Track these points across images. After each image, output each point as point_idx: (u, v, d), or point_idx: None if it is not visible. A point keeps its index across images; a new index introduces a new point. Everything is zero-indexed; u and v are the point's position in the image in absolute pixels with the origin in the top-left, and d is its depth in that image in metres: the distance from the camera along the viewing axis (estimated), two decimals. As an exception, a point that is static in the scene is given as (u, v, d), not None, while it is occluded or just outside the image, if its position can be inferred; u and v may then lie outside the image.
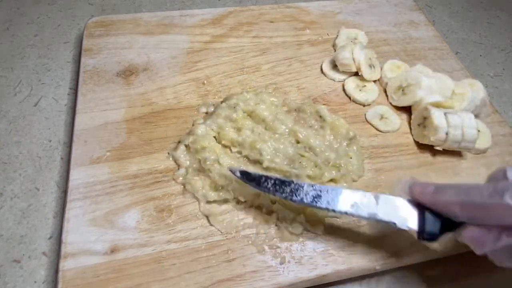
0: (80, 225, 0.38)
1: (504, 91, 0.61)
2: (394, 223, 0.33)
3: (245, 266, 0.37)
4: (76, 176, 0.41)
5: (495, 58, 0.66)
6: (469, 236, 0.30)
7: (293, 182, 0.36)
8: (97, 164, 0.42)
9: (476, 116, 0.50)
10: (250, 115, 0.45)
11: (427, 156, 0.46)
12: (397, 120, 0.49)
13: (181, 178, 0.41)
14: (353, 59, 0.51)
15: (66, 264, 0.35)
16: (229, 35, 0.57)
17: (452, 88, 0.49)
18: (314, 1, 0.65)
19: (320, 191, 0.35)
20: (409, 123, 0.49)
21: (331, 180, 0.41)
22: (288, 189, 0.35)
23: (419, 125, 0.47)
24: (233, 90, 0.51)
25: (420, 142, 0.47)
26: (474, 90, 0.49)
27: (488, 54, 0.67)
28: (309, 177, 0.41)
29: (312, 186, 0.35)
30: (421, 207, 0.33)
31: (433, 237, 0.32)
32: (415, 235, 0.33)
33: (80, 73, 0.50)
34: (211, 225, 0.39)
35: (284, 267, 0.37)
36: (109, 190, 0.40)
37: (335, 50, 0.56)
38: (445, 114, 0.44)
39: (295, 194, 0.35)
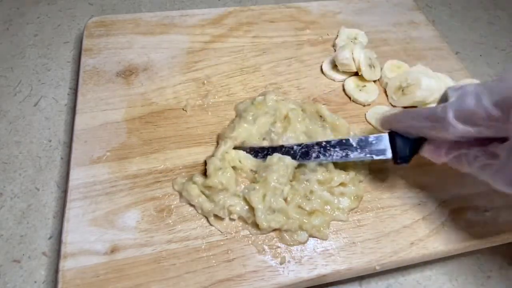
0: (80, 225, 0.38)
1: (504, 91, 0.61)
2: (372, 157, 0.39)
3: (245, 266, 0.37)
4: (76, 176, 0.41)
5: (495, 58, 0.66)
6: (427, 151, 0.36)
7: (283, 146, 0.42)
8: (97, 164, 0.42)
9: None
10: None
11: (427, 156, 0.46)
12: (397, 120, 0.49)
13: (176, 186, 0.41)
14: (353, 59, 0.51)
15: (66, 264, 0.35)
16: (229, 35, 0.57)
17: (452, 88, 0.49)
18: (314, 1, 0.65)
19: (307, 147, 0.41)
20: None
21: (341, 184, 0.41)
22: (280, 153, 0.41)
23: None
24: (233, 90, 0.51)
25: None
26: (474, 90, 0.49)
27: (488, 54, 0.67)
28: (319, 182, 0.41)
29: (300, 145, 0.41)
30: (392, 136, 0.38)
31: (405, 160, 0.37)
32: (392, 162, 0.38)
33: (80, 73, 0.50)
34: (211, 225, 0.39)
35: (284, 267, 0.37)
36: (109, 190, 0.40)
37: (335, 50, 0.56)
38: None
39: (287, 155, 0.41)
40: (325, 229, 0.39)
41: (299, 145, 0.41)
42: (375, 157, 0.39)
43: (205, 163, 0.41)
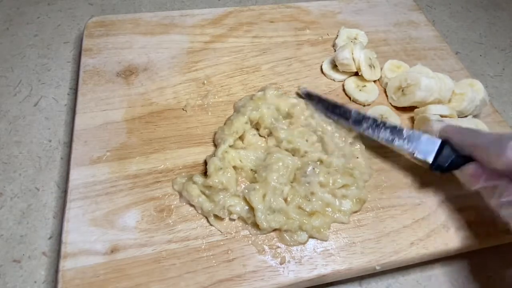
0: (80, 225, 0.38)
1: (504, 91, 0.61)
2: (413, 152, 0.40)
3: (245, 266, 0.37)
4: (76, 176, 0.41)
5: (495, 58, 0.66)
6: (468, 172, 0.36)
7: (343, 106, 0.45)
8: (97, 164, 0.42)
9: (476, 116, 0.50)
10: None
11: (427, 156, 0.46)
12: (397, 120, 0.49)
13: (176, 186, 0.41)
14: (353, 59, 0.51)
15: (66, 264, 0.35)
16: (229, 35, 0.57)
17: (452, 88, 0.49)
18: (314, 1, 0.65)
19: (363, 117, 0.43)
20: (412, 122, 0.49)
21: (344, 186, 0.41)
22: (338, 111, 0.45)
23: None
24: (233, 90, 0.51)
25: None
26: (474, 90, 0.49)
27: (488, 54, 0.67)
28: (321, 184, 0.40)
29: (358, 113, 0.43)
30: (443, 144, 0.38)
31: (442, 169, 0.38)
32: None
33: (80, 73, 0.50)
34: (211, 225, 0.39)
35: (284, 267, 0.37)
36: (109, 190, 0.40)
37: (335, 50, 0.56)
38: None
39: (343, 117, 0.44)
40: (325, 230, 0.39)
41: (358, 111, 0.44)
42: (416, 155, 0.39)
43: (205, 163, 0.41)
